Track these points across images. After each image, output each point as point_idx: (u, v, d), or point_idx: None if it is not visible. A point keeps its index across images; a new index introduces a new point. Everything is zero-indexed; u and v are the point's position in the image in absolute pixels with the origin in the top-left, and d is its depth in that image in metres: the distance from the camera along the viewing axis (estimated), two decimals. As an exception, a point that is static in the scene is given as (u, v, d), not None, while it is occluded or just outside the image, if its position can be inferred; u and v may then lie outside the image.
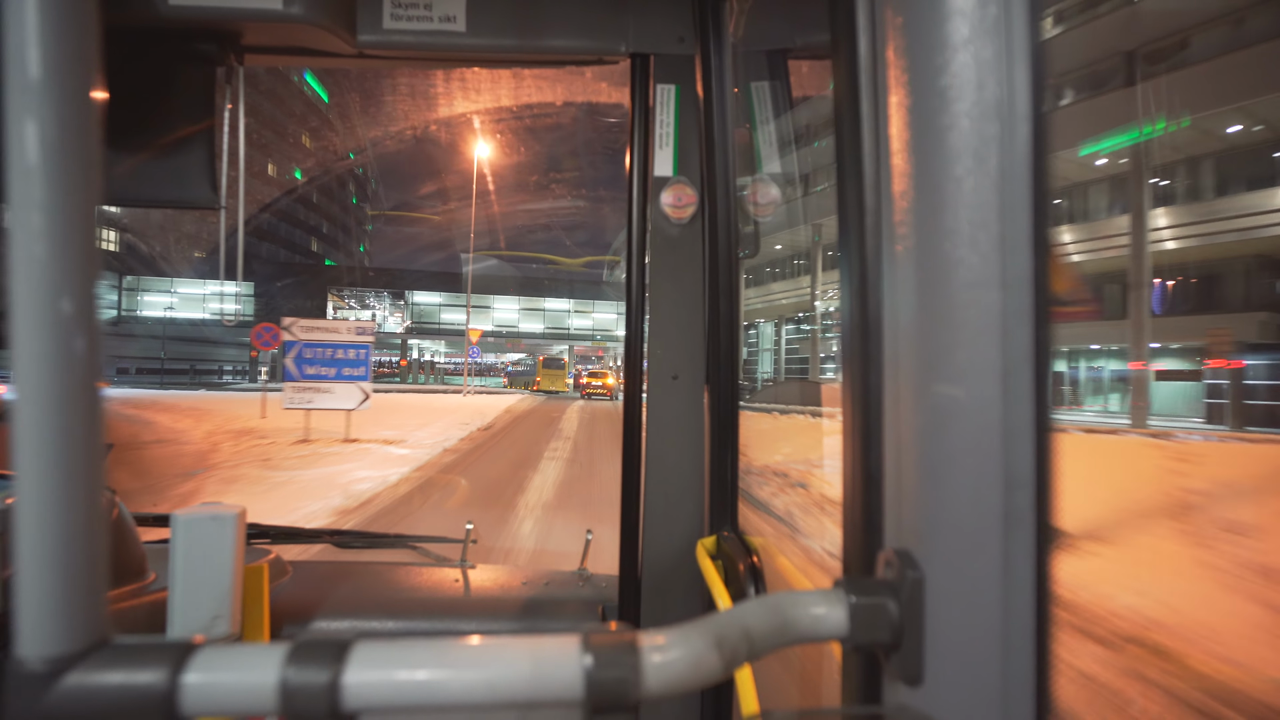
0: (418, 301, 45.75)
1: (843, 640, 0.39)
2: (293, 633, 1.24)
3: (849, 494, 0.47)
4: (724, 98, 1.09)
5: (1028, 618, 0.36)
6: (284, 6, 1.00)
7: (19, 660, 0.31)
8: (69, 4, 0.31)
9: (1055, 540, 0.36)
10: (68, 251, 0.31)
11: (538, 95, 32.10)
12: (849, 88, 0.45)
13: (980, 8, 0.35)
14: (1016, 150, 0.35)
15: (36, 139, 0.30)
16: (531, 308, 47.80)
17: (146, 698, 0.31)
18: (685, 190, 1.19)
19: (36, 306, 0.31)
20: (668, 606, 1.20)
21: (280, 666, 0.32)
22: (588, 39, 1.14)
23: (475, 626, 1.26)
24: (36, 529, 0.31)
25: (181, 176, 1.09)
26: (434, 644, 0.35)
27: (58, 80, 0.31)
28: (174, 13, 0.99)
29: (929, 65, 0.37)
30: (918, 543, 0.39)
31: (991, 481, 0.36)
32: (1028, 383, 0.36)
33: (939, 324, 0.37)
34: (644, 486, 1.20)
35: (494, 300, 46.58)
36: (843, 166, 0.46)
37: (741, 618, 0.38)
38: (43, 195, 0.31)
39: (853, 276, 0.46)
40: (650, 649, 0.35)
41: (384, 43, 1.11)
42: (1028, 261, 0.36)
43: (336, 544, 1.54)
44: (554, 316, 48.11)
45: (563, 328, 48.04)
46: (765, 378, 37.31)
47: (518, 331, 47.20)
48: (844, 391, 0.47)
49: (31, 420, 0.31)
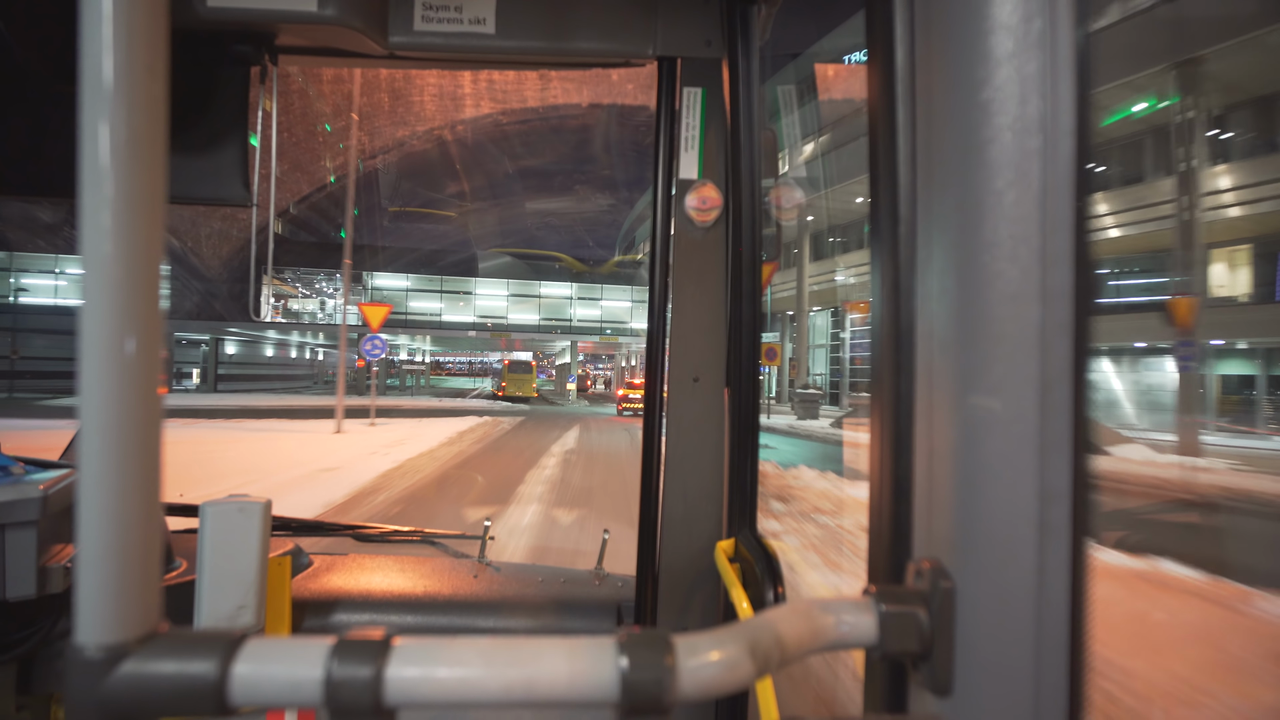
0: (380, 285, 36.75)
1: (871, 649, 0.39)
2: (313, 625, 1.26)
3: (878, 503, 0.47)
4: (750, 102, 1.09)
5: (1062, 632, 0.36)
6: (318, 9, 1.02)
7: (78, 647, 0.32)
8: (141, 13, 0.32)
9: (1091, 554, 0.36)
10: (134, 250, 0.33)
11: (563, 97, 31.71)
12: (885, 97, 0.45)
13: (1024, 23, 0.35)
14: (1060, 165, 0.35)
15: (108, 141, 0.32)
16: (524, 294, 38.21)
17: (199, 686, 0.32)
18: (710, 193, 1.19)
19: (103, 303, 0.32)
20: (685, 609, 1.20)
21: (325, 660, 0.33)
22: (615, 42, 1.15)
23: (493, 624, 1.28)
24: (97, 522, 0.32)
25: (216, 174, 1.12)
26: (473, 642, 0.35)
27: (129, 84, 0.32)
28: (212, 14, 1.01)
29: (970, 78, 0.37)
30: (949, 553, 0.39)
31: (1027, 494, 0.36)
32: (1066, 396, 0.36)
33: (977, 336, 0.37)
34: (663, 487, 1.20)
35: (476, 285, 37.68)
36: (876, 175, 0.47)
37: (773, 624, 0.38)
38: (113, 194, 0.32)
39: (886, 285, 0.46)
40: (685, 653, 0.35)
41: (414, 44, 1.12)
42: (1069, 275, 0.35)
43: (357, 537, 1.57)
44: (552, 306, 38.66)
45: (562, 319, 38.32)
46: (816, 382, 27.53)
47: (505, 324, 37.41)
48: (874, 400, 0.47)
49: (96, 416, 0.32)
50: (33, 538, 1.04)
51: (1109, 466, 5.71)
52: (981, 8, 0.36)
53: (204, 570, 1.04)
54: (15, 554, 1.03)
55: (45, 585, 1.05)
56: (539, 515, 6.82)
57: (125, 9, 0.32)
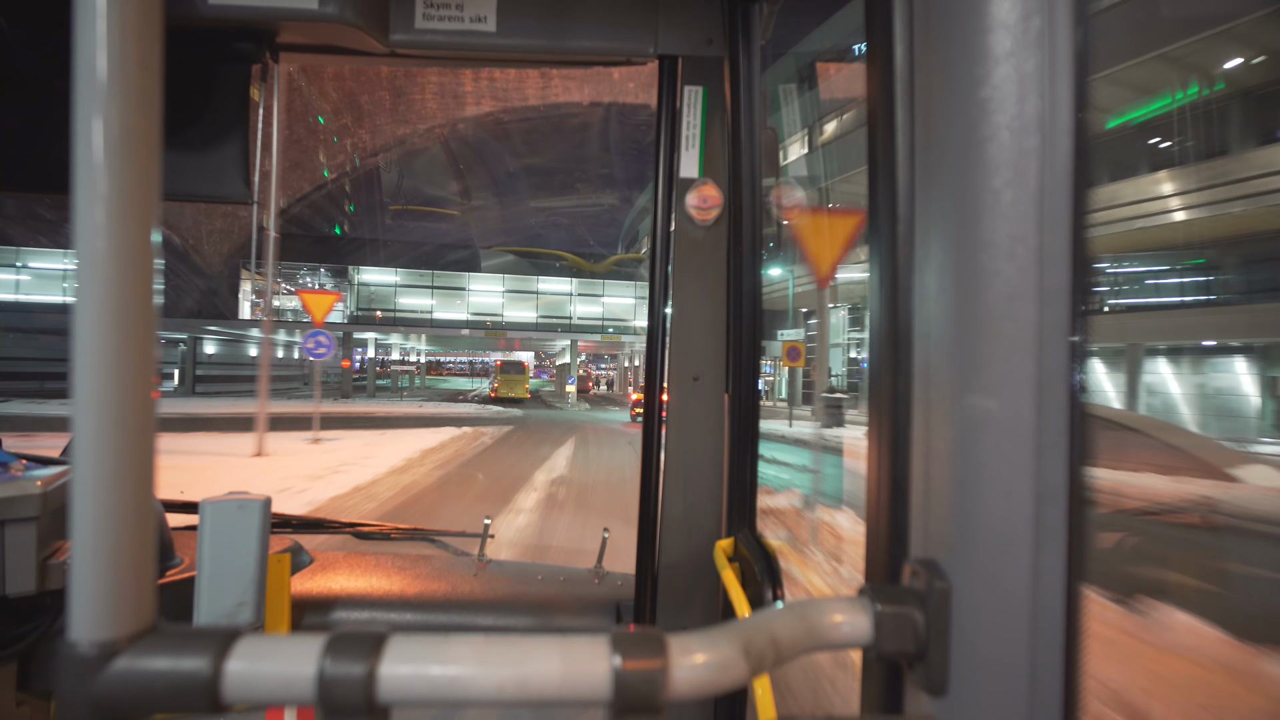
0: (366, 280, 33.99)
1: (867, 648, 0.39)
2: (313, 622, 1.26)
3: (875, 503, 0.47)
4: (752, 100, 1.09)
5: (1057, 633, 0.36)
6: (319, 6, 1.02)
7: (71, 643, 0.32)
8: (134, 9, 0.32)
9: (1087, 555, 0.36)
10: (127, 247, 0.33)
11: (564, 95, 31.44)
12: (884, 95, 0.45)
13: (1023, 20, 0.35)
14: (1058, 164, 0.35)
15: (101, 136, 0.32)
16: (521, 289, 35.49)
17: (191, 683, 0.32)
18: (710, 192, 1.19)
19: (95, 299, 0.32)
20: (684, 607, 1.20)
21: (318, 657, 0.33)
22: (617, 41, 1.15)
23: (492, 621, 1.28)
24: (91, 519, 0.32)
25: (216, 172, 1.12)
26: (467, 640, 0.35)
27: (122, 81, 0.32)
28: (214, 12, 1.01)
29: (969, 76, 0.37)
30: (946, 553, 0.39)
31: (1023, 495, 0.36)
32: (1063, 397, 0.36)
33: (973, 336, 0.37)
34: (662, 487, 1.20)
35: (470, 281, 35.07)
36: (874, 173, 0.46)
37: (768, 623, 0.38)
38: (106, 190, 0.32)
39: (883, 285, 0.46)
40: (679, 652, 0.35)
41: (416, 42, 1.12)
42: (1066, 275, 0.35)
43: (357, 535, 1.57)
44: (551, 303, 35.87)
45: (561, 316, 35.80)
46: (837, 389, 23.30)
47: (502, 323, 35.01)
48: (872, 401, 0.47)
49: (90, 412, 0.32)
50: (32, 534, 1.04)
51: (1243, 498, 3.95)
52: (980, 6, 0.36)
53: (204, 567, 1.04)
54: (15, 550, 1.04)
55: (45, 582, 1.05)
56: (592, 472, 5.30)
57: (118, 5, 0.32)
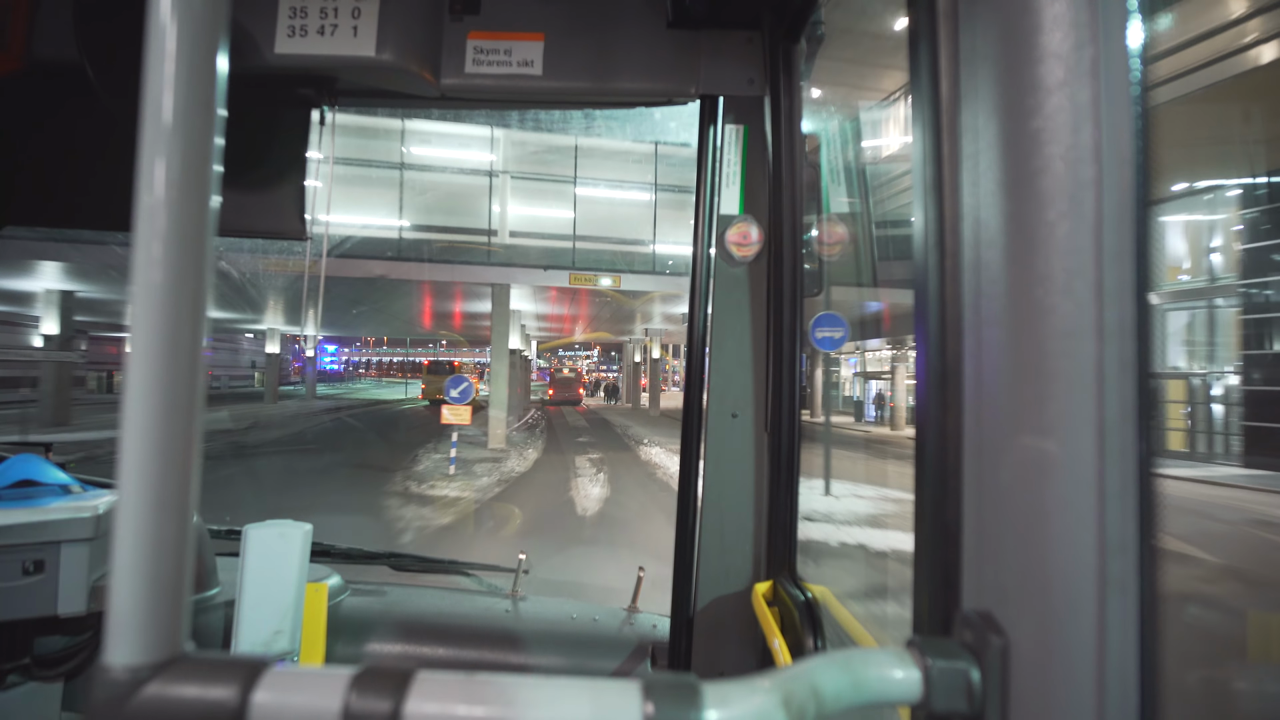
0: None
1: (916, 707, 0.36)
2: (346, 653, 1.26)
3: (923, 548, 0.45)
4: (793, 138, 1.09)
5: (1131, 699, 0.33)
6: (376, 54, 1.07)
7: (105, 668, 0.33)
8: (201, 56, 0.34)
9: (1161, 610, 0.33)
10: (182, 281, 0.34)
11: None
12: (931, 127, 0.44)
13: (1076, 50, 0.34)
14: (1118, 195, 0.34)
15: (163, 175, 0.33)
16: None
17: (218, 714, 0.32)
18: (750, 229, 1.19)
19: (149, 330, 0.33)
20: (721, 652, 1.16)
21: (345, 692, 0.32)
22: (660, 81, 1.17)
23: (523, 659, 1.25)
24: (131, 543, 0.33)
25: (276, 209, 1.17)
26: (494, 681, 0.34)
27: (186, 125, 0.34)
28: (278, 60, 1.07)
29: (1020, 107, 0.36)
30: (1001, 605, 0.36)
31: (1087, 544, 0.33)
32: (1130, 439, 0.33)
33: (1028, 373, 0.35)
34: (699, 527, 1.18)
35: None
36: (923, 206, 0.45)
37: (810, 674, 0.36)
38: (165, 228, 0.33)
39: (930, 320, 0.44)
40: (714, 700, 0.33)
41: (465, 86, 1.17)
42: (1130, 311, 0.34)
43: (393, 566, 1.57)
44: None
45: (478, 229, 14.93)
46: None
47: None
48: (919, 440, 0.45)
49: (137, 438, 0.33)
50: (85, 556, 1.08)
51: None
52: (1030, 37, 0.35)
53: (243, 594, 1.05)
54: (69, 571, 1.07)
55: (95, 603, 1.08)
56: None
57: (187, 50, 0.33)
